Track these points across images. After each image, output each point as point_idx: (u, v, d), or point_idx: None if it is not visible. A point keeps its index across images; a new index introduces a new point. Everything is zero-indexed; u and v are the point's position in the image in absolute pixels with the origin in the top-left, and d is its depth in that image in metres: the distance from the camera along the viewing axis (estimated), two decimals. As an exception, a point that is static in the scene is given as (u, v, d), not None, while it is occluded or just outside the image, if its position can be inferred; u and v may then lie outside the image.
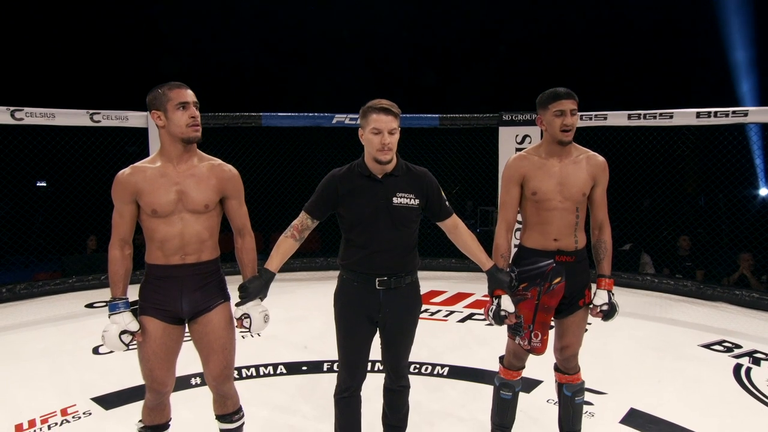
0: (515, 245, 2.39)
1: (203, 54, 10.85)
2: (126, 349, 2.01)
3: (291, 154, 7.05)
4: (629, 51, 10.28)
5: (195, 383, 3.27)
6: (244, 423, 2.25)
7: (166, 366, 2.04)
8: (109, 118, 5.58)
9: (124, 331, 1.97)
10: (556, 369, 2.47)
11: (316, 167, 6.84)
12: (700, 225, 6.16)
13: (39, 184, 8.52)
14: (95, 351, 3.91)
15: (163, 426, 2.17)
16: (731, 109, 5.04)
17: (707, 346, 4.05)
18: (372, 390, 2.46)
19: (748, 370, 3.59)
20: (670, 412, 2.95)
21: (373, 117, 2.05)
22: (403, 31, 11.37)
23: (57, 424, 2.84)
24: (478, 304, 5.21)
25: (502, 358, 2.50)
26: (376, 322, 2.19)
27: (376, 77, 11.09)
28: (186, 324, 2.12)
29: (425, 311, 4.87)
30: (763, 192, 8.59)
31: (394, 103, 2.08)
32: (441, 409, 3.02)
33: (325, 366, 3.62)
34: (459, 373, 3.50)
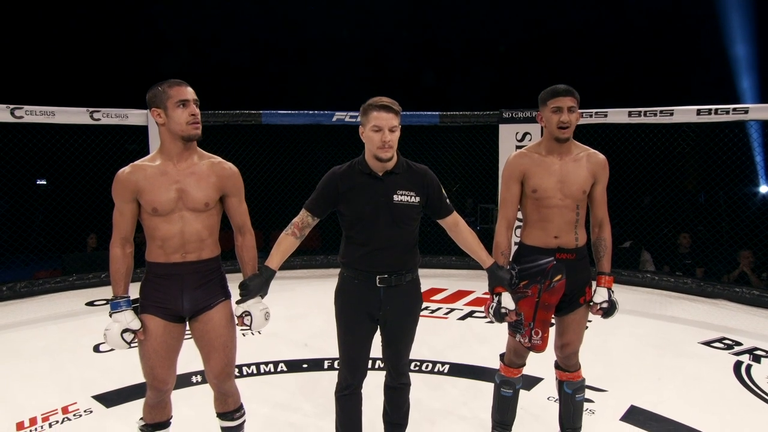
0: (515, 243, 2.39)
1: (203, 52, 10.84)
2: (128, 348, 2.01)
3: (291, 151, 7.05)
4: (630, 48, 10.27)
5: (196, 381, 3.28)
6: (245, 421, 2.26)
7: (167, 364, 2.05)
8: (109, 116, 5.58)
9: (126, 330, 1.97)
10: (556, 366, 2.48)
11: (316, 165, 6.84)
12: (700, 222, 6.16)
13: (39, 182, 8.52)
14: (96, 349, 3.92)
15: (164, 424, 2.17)
16: (732, 107, 5.03)
17: (707, 343, 4.05)
18: (373, 387, 2.46)
19: (748, 367, 3.59)
20: (670, 409, 2.95)
21: (374, 114, 2.04)
22: (403, 30, 11.35)
23: (58, 422, 2.85)
24: (478, 301, 5.21)
25: (502, 355, 2.50)
26: (376, 319, 2.19)
27: (376, 75, 11.08)
28: (187, 322, 2.12)
29: (425, 309, 4.87)
30: (764, 189, 8.59)
31: (394, 101, 2.08)
32: (442, 407, 3.02)
33: (326, 364, 3.63)
34: (459, 371, 3.51)
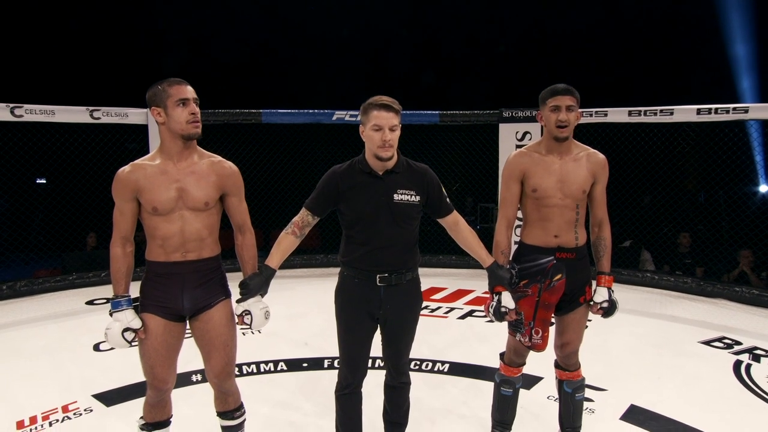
0: (515, 242, 2.39)
1: (203, 50, 10.83)
2: (129, 347, 2.01)
3: (291, 150, 7.04)
4: (630, 48, 10.27)
5: (196, 380, 3.28)
6: (245, 420, 2.26)
7: (167, 363, 2.05)
8: (109, 114, 5.57)
9: (126, 329, 1.97)
10: (556, 366, 2.48)
11: (316, 164, 6.83)
12: (700, 222, 6.16)
13: (39, 181, 8.52)
14: (96, 348, 3.92)
15: (164, 423, 2.17)
16: (732, 106, 5.03)
17: (707, 342, 4.06)
18: (373, 387, 2.46)
19: (748, 366, 3.59)
20: (670, 408, 2.96)
21: (374, 114, 2.04)
22: (404, 29, 11.35)
23: (58, 420, 2.85)
24: (478, 300, 5.21)
25: (502, 354, 2.50)
26: (377, 318, 2.19)
27: (376, 74, 11.08)
28: (187, 321, 2.12)
29: (425, 308, 4.87)
30: (763, 189, 8.59)
31: (395, 100, 2.08)
32: (442, 406, 3.02)
33: (326, 363, 3.63)
34: (459, 370, 3.51)
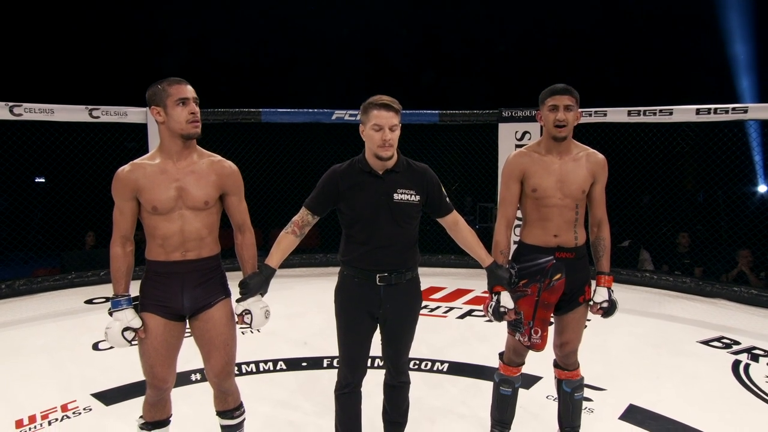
0: (515, 242, 2.39)
1: (203, 49, 10.82)
2: (129, 346, 2.01)
3: (290, 150, 7.04)
4: (629, 48, 10.27)
5: (195, 379, 3.28)
6: (244, 419, 2.26)
7: (166, 362, 2.05)
8: (108, 113, 5.56)
9: (126, 328, 1.97)
10: (555, 365, 2.48)
11: (315, 163, 6.82)
12: (699, 222, 6.17)
13: (37, 180, 8.50)
14: (95, 347, 3.92)
15: (164, 422, 2.17)
16: (731, 106, 5.03)
17: (706, 342, 4.06)
18: (372, 386, 2.46)
19: (746, 366, 3.60)
20: (669, 408, 2.96)
21: (374, 113, 2.04)
22: (404, 28, 11.34)
23: (57, 419, 2.84)
24: (477, 300, 5.22)
25: (501, 354, 2.50)
26: (376, 318, 2.19)
27: (376, 73, 11.08)
28: (187, 320, 2.12)
29: (424, 307, 4.87)
30: (762, 189, 8.60)
31: (395, 99, 2.08)
32: (441, 406, 3.02)
33: (325, 362, 3.63)
34: (459, 370, 3.51)
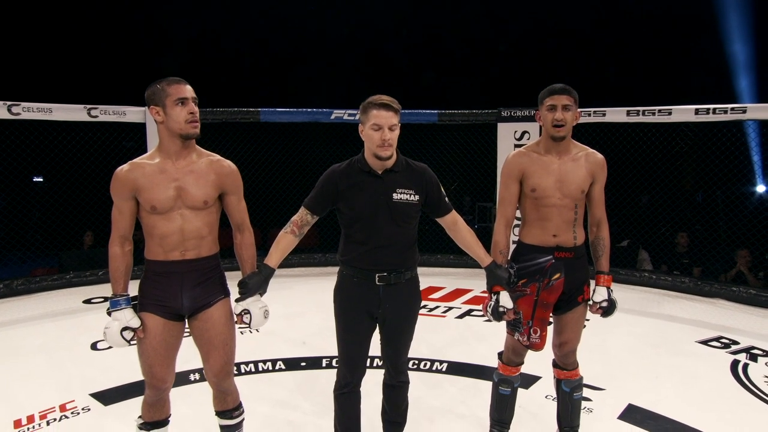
0: (513, 242, 2.39)
1: (202, 49, 10.81)
2: (128, 346, 2.00)
3: (289, 149, 7.03)
4: (629, 48, 10.27)
5: (194, 379, 3.27)
6: (243, 419, 2.25)
7: (165, 362, 2.04)
8: (107, 113, 5.56)
9: (125, 328, 1.97)
10: (554, 365, 2.48)
11: (314, 163, 6.82)
12: (697, 222, 6.17)
13: (35, 179, 8.49)
14: (94, 347, 3.91)
15: (163, 422, 2.17)
16: (730, 106, 5.04)
17: (705, 342, 4.07)
18: (371, 386, 2.46)
19: (745, 366, 3.60)
20: (668, 407, 2.96)
21: (374, 113, 2.04)
22: (403, 28, 11.34)
23: (56, 419, 2.84)
24: (476, 300, 5.22)
25: (500, 354, 2.50)
26: (375, 317, 2.19)
27: (375, 73, 11.06)
28: (186, 320, 2.11)
29: (423, 307, 4.87)
30: (761, 189, 8.61)
31: (394, 99, 2.08)
32: (440, 405, 3.02)
33: (324, 362, 3.63)
34: (458, 369, 3.51)
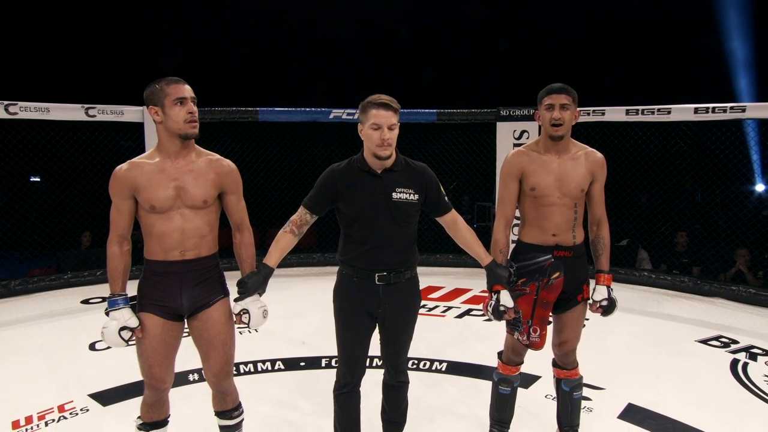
0: (513, 241, 2.39)
1: (200, 48, 10.78)
2: (126, 346, 1.99)
3: (288, 149, 7.02)
4: (628, 46, 10.27)
5: (193, 379, 3.26)
6: (243, 419, 2.24)
7: (165, 363, 2.03)
8: (105, 112, 5.54)
9: (123, 328, 1.96)
10: (554, 364, 2.48)
11: (313, 162, 6.81)
12: (697, 221, 6.17)
13: (33, 179, 8.46)
14: (92, 347, 3.89)
15: (162, 422, 2.16)
16: (729, 105, 5.04)
17: (704, 341, 4.07)
18: (371, 385, 2.45)
19: (745, 365, 3.60)
20: (667, 407, 2.96)
21: (373, 112, 2.03)
22: (403, 27, 11.33)
23: (54, 420, 2.82)
24: (476, 299, 5.21)
25: (500, 353, 2.50)
26: (375, 317, 2.18)
27: (375, 72, 11.05)
28: (185, 320, 2.10)
29: (423, 307, 4.86)
30: (760, 188, 8.61)
31: (393, 99, 2.07)
32: (440, 405, 3.02)
33: (323, 362, 3.62)
34: (457, 369, 3.50)
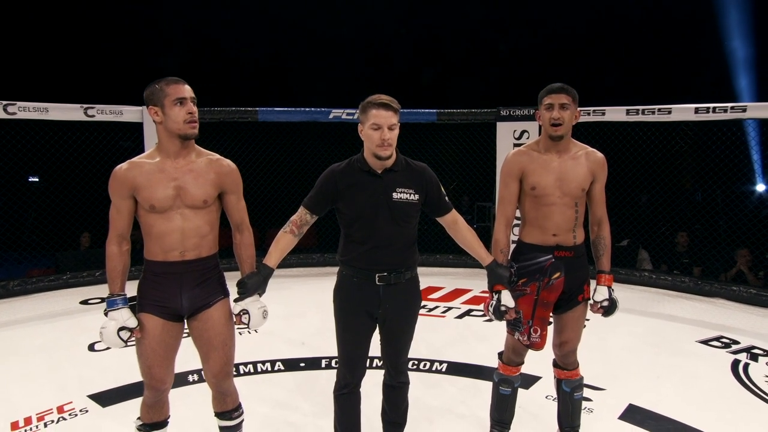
0: (513, 241, 2.38)
1: (200, 48, 10.77)
2: (124, 346, 1.99)
3: (288, 149, 7.01)
4: (628, 47, 10.27)
5: (192, 380, 3.25)
6: (243, 420, 2.24)
7: (165, 363, 2.02)
8: (104, 112, 5.53)
9: (122, 328, 1.95)
10: (554, 365, 2.47)
11: (312, 162, 6.80)
12: (697, 221, 6.16)
13: (31, 179, 8.45)
14: (91, 348, 3.88)
15: (162, 423, 2.15)
16: (729, 105, 5.03)
17: (705, 342, 4.06)
18: (371, 386, 2.44)
19: (745, 365, 3.60)
20: (668, 407, 2.95)
21: (373, 112, 2.03)
22: (403, 27, 11.32)
23: (53, 421, 2.81)
24: (475, 300, 5.20)
25: (501, 354, 2.49)
26: (375, 317, 2.17)
27: (374, 72, 11.04)
28: (185, 321, 2.09)
29: (423, 307, 4.84)
30: (761, 188, 8.60)
31: (393, 99, 2.07)
32: (440, 406, 3.01)
33: (323, 362, 3.61)
34: (458, 370, 3.50)
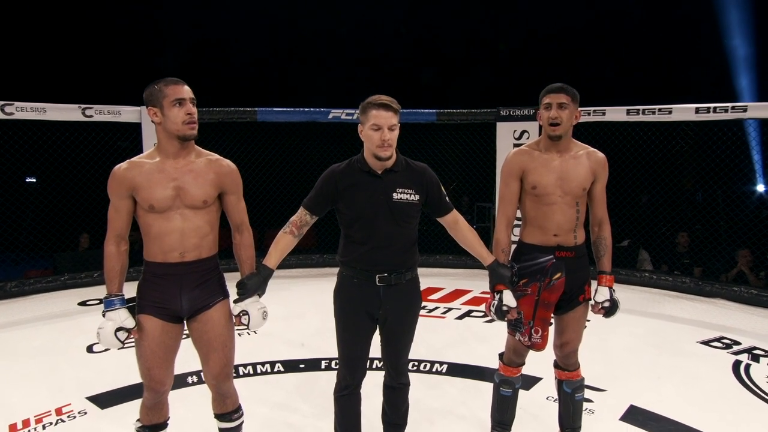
0: (514, 242, 2.37)
1: (199, 48, 10.76)
2: (122, 347, 1.97)
3: (287, 149, 6.99)
4: (628, 46, 10.27)
5: (192, 381, 3.24)
6: (243, 422, 2.22)
7: (164, 365, 2.01)
8: (102, 113, 5.51)
9: (119, 328, 1.93)
10: (555, 366, 2.46)
11: (312, 163, 6.78)
12: (698, 221, 6.16)
13: (28, 180, 8.42)
14: (90, 349, 3.86)
15: (162, 425, 2.14)
16: (730, 105, 5.03)
17: (706, 342, 4.05)
18: (371, 387, 2.43)
19: (747, 366, 3.59)
20: (669, 408, 2.94)
21: (373, 113, 2.02)
22: (402, 27, 11.31)
23: (52, 423, 2.80)
24: (476, 300, 5.18)
25: (501, 354, 2.48)
26: (376, 318, 2.16)
27: (373, 72, 11.03)
28: (184, 322, 2.08)
29: (423, 308, 4.82)
30: (761, 188, 8.60)
31: (393, 99, 2.06)
32: (441, 407, 3.00)
33: (323, 364, 3.60)
34: (458, 371, 3.49)
